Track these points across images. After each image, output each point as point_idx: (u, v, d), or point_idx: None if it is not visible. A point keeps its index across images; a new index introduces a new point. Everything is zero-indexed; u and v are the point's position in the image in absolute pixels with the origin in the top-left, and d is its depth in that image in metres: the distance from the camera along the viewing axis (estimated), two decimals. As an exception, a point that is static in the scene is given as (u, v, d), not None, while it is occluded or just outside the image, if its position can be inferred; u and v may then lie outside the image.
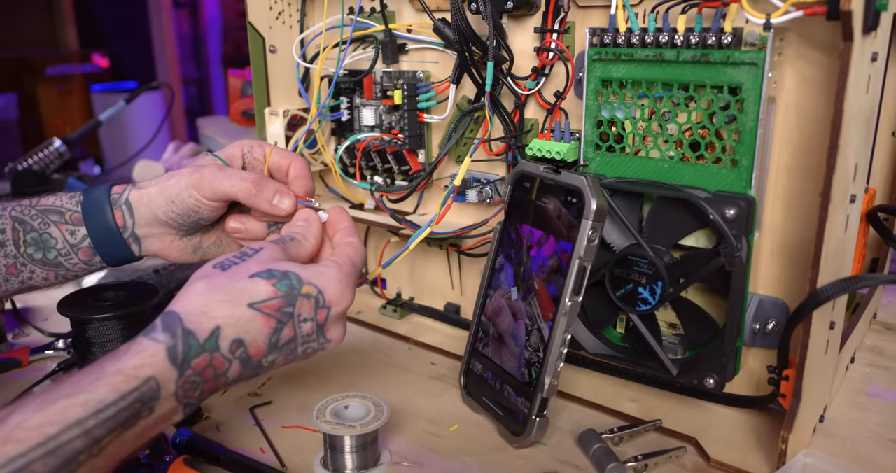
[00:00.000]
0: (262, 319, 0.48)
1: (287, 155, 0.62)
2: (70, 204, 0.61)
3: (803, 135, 0.57)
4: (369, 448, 0.57)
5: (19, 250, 0.59)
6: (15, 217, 0.60)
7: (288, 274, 0.50)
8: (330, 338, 0.52)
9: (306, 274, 0.50)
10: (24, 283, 0.61)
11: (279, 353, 0.50)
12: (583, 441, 0.61)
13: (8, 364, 0.75)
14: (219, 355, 0.47)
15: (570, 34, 0.65)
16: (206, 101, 4.31)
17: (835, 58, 0.53)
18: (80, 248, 0.60)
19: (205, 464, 0.58)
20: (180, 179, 0.59)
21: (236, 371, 0.48)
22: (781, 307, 0.61)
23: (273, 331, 0.49)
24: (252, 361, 0.49)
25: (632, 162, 0.61)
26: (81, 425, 0.40)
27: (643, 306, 0.61)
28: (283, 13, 0.84)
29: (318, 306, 0.50)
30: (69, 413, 0.40)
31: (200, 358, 0.46)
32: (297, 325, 0.50)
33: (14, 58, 3.59)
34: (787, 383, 0.55)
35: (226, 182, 0.57)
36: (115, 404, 0.42)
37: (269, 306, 0.48)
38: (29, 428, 0.39)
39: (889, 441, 0.61)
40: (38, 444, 0.39)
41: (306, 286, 0.50)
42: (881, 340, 0.80)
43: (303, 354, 0.51)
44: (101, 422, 0.41)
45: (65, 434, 0.40)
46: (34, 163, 1.37)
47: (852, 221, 0.57)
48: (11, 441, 0.38)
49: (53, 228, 0.60)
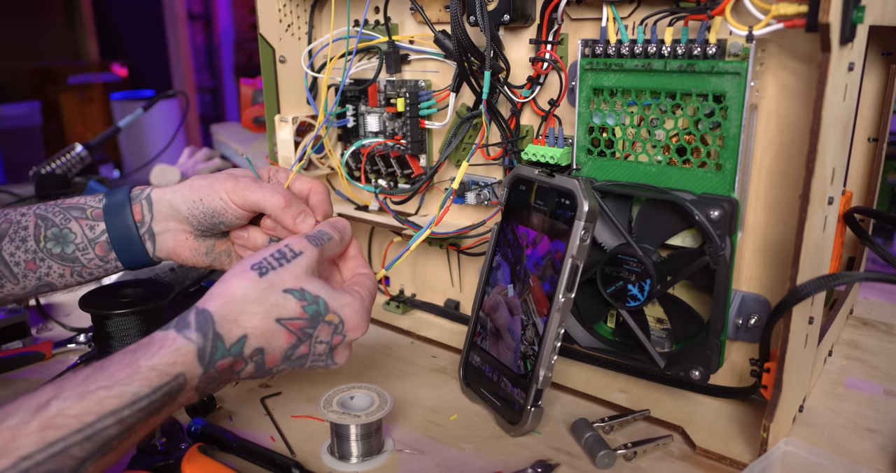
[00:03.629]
0: (285, 334, 0.50)
1: (308, 181, 0.63)
2: (93, 202, 0.61)
3: (784, 140, 0.57)
4: (373, 437, 0.57)
5: (39, 245, 0.59)
6: (39, 214, 0.60)
7: (318, 299, 0.51)
8: (337, 361, 0.55)
9: (334, 304, 0.52)
10: (41, 280, 0.61)
11: (289, 364, 0.52)
12: (575, 430, 0.61)
13: (32, 357, 0.75)
14: (240, 359, 0.49)
15: (564, 45, 0.65)
16: (220, 109, 4.31)
17: (813, 67, 0.53)
18: (98, 243, 0.60)
19: (218, 452, 0.58)
20: (214, 182, 0.59)
21: (249, 372, 0.51)
22: (763, 303, 0.61)
23: (291, 347, 0.51)
24: (265, 367, 0.51)
25: (622, 166, 0.61)
26: (117, 414, 0.42)
27: (632, 302, 0.61)
28: (292, 25, 0.84)
29: (335, 332, 0.53)
30: (106, 404, 0.42)
31: (224, 361, 0.48)
32: (312, 345, 0.52)
33: (38, 67, 3.60)
34: (769, 375, 0.55)
35: (258, 192, 0.58)
36: (147, 397, 0.43)
37: (294, 325, 0.50)
38: (69, 416, 0.40)
39: (864, 430, 0.61)
40: (76, 431, 0.40)
41: (331, 314, 0.52)
42: (857, 334, 0.80)
43: (307, 368, 0.54)
44: (134, 413, 0.43)
45: (101, 422, 0.41)
46: (57, 167, 1.37)
47: (830, 222, 0.57)
48: (52, 428, 0.39)
49: (74, 223, 0.60)
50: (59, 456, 0.39)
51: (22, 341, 0.78)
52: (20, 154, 3.21)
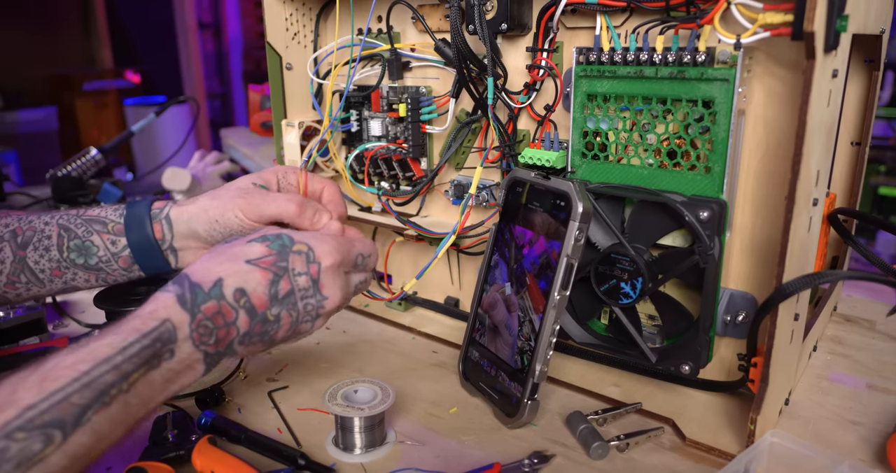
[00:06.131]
0: (259, 272, 0.50)
1: (320, 180, 0.63)
2: (114, 216, 0.61)
3: (770, 144, 0.57)
4: (376, 429, 0.57)
5: (62, 255, 0.59)
6: (61, 225, 0.60)
7: (280, 236, 0.52)
8: (326, 295, 0.53)
9: (298, 236, 0.53)
10: (67, 284, 0.61)
11: (281, 306, 0.51)
12: (570, 422, 0.61)
13: (48, 352, 0.75)
14: (225, 303, 0.48)
15: (559, 53, 0.65)
16: (229, 114, 4.31)
17: (799, 74, 0.53)
18: (121, 257, 0.60)
19: (227, 443, 0.58)
20: (225, 201, 0.59)
21: (245, 321, 0.49)
22: (750, 300, 0.61)
23: (271, 283, 0.50)
24: (257, 312, 0.50)
25: (615, 169, 0.61)
26: (110, 361, 0.42)
27: (625, 299, 0.61)
28: (298, 34, 0.84)
29: (308, 261, 0.52)
30: (98, 352, 0.42)
31: (209, 305, 0.47)
32: (292, 278, 0.51)
33: (55, 75, 3.60)
34: (756, 369, 0.55)
35: (272, 205, 0.58)
36: (137, 342, 0.43)
37: (265, 262, 0.50)
38: (64, 367, 0.41)
39: (848, 422, 0.61)
40: (73, 380, 0.40)
41: (297, 244, 0.52)
42: (841, 330, 0.80)
43: (304, 311, 0.52)
44: (127, 358, 0.42)
45: (96, 369, 0.41)
46: (72, 170, 1.37)
47: (815, 223, 0.57)
48: (50, 379, 0.40)
49: (96, 236, 0.60)
50: (60, 405, 0.39)
51: (39, 337, 0.78)
52: (37, 157, 3.21)
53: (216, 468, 0.53)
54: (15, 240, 0.59)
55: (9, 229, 0.60)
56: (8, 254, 0.59)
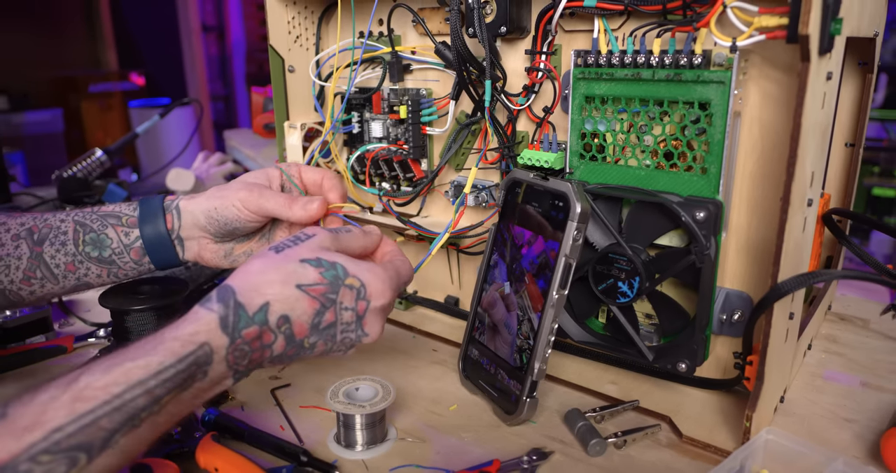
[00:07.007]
0: (307, 300, 0.48)
1: (319, 171, 0.65)
2: (128, 210, 0.62)
3: (766, 145, 0.57)
4: (378, 426, 0.57)
5: (78, 249, 0.60)
6: (77, 221, 0.61)
7: (335, 265, 0.49)
8: (367, 332, 0.51)
9: (353, 268, 0.50)
10: (79, 280, 0.62)
11: (320, 336, 0.49)
12: (568, 420, 0.61)
13: (55, 350, 0.75)
14: (267, 328, 0.47)
15: (557, 55, 0.65)
16: (232, 115, 4.31)
17: (794, 77, 0.53)
18: (133, 248, 0.61)
19: (231, 440, 0.58)
20: (228, 193, 0.61)
21: (280, 346, 0.48)
22: (746, 299, 0.61)
23: (316, 313, 0.48)
24: (295, 339, 0.48)
25: (612, 170, 0.61)
26: (143, 385, 0.41)
27: (622, 299, 0.61)
28: (300, 37, 0.84)
29: (358, 297, 0.50)
30: (132, 374, 0.41)
31: (250, 329, 0.46)
32: (338, 312, 0.49)
33: (60, 77, 3.60)
34: (751, 367, 0.55)
35: (271, 200, 0.60)
36: (173, 366, 0.42)
37: (315, 290, 0.48)
38: (97, 388, 0.39)
39: (842, 420, 0.61)
40: (104, 402, 0.39)
41: (351, 278, 0.49)
42: (835, 329, 0.80)
43: (341, 342, 0.50)
44: (160, 383, 0.41)
45: (128, 393, 0.40)
46: (78, 171, 1.37)
47: (809, 223, 0.57)
48: (81, 400, 0.39)
49: (110, 229, 0.61)
50: (88, 428, 0.38)
51: (45, 335, 0.78)
52: (43, 158, 3.21)
53: (219, 464, 0.53)
54: (31, 238, 0.60)
55: (25, 227, 0.61)
56: (25, 251, 0.60)
